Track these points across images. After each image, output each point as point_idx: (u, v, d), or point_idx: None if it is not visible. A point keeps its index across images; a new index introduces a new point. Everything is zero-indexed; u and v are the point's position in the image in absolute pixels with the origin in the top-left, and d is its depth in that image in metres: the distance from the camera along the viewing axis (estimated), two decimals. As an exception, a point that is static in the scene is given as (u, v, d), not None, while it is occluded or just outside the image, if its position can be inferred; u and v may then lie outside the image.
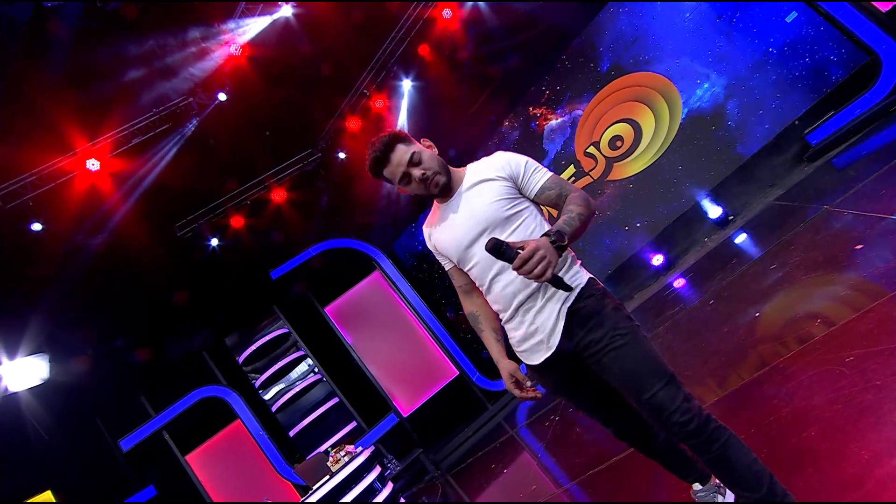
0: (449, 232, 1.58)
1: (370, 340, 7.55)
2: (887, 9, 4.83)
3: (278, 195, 8.11)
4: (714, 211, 6.34)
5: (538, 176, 1.54)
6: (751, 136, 6.19)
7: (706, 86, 6.30)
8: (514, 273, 1.33)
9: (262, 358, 7.48)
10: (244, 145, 7.47)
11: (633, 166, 6.89)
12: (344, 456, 4.22)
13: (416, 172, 1.53)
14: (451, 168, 1.64)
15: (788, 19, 5.87)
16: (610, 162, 7.01)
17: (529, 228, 1.51)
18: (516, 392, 1.54)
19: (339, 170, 8.54)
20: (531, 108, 7.37)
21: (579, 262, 1.55)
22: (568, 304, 1.44)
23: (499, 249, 1.29)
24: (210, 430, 6.81)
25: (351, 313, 7.68)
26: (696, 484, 1.69)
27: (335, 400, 7.27)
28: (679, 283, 5.57)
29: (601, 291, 1.48)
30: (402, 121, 7.88)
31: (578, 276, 1.49)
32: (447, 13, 6.78)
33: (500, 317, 1.59)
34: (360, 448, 4.50)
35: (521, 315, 1.49)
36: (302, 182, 8.37)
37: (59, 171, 6.03)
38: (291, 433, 7.07)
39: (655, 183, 6.76)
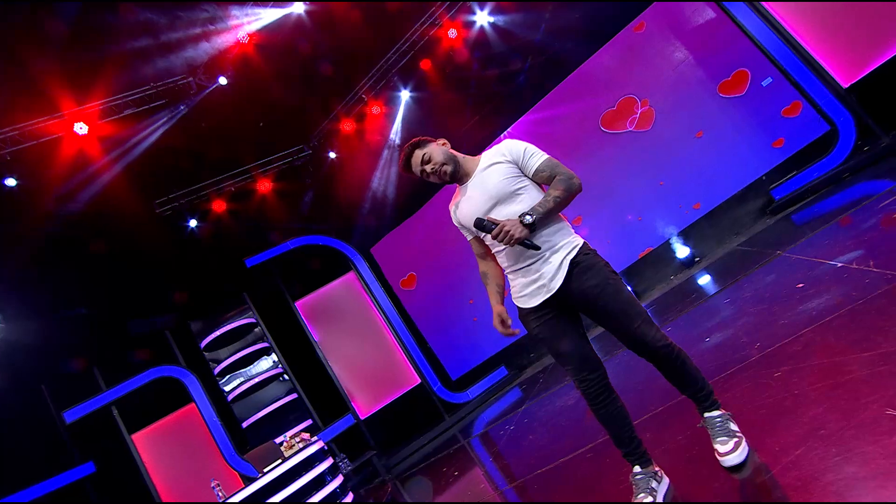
0: (468, 206, 1.93)
1: (337, 340, 7.55)
2: (847, 85, 5.31)
3: (263, 186, 8.16)
4: (682, 251, 6.68)
5: (534, 160, 1.89)
6: (722, 187, 6.59)
7: (688, 136, 6.71)
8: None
9: (225, 345, 7.38)
10: (237, 132, 7.53)
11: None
12: (299, 442, 4.22)
13: (428, 168, 1.94)
14: (464, 156, 2.01)
15: (764, 83, 6.35)
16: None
17: (532, 201, 1.85)
18: (501, 329, 1.91)
19: (327, 169, 8.66)
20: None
21: (572, 228, 1.92)
22: (571, 256, 1.81)
23: (481, 225, 1.78)
24: (161, 411, 6.66)
25: (321, 310, 7.68)
26: (637, 467, 1.85)
27: (293, 395, 7.20)
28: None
29: (594, 251, 1.88)
30: (395, 128, 8.09)
31: (574, 238, 1.87)
32: (452, 33, 7.08)
33: (508, 270, 1.93)
34: (316, 438, 4.50)
35: (528, 266, 1.84)
36: (289, 176, 8.45)
37: (41, 131, 5.95)
38: (244, 424, 6.95)
39: (631, 220, 7.09)
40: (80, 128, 5.91)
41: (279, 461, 4.11)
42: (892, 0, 4.77)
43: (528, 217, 1.72)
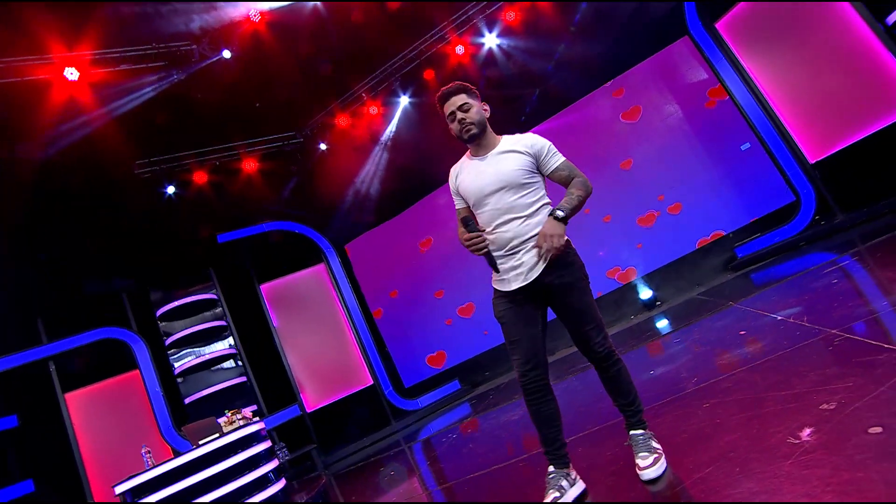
0: (475, 179, 1.99)
1: (296, 329, 7.47)
2: (814, 161, 5.68)
3: (249, 165, 8.11)
4: (646, 293, 6.92)
5: (555, 159, 1.99)
6: (692, 239, 6.89)
7: (667, 187, 7.01)
8: (518, 223, 1.91)
9: (182, 318, 7.20)
10: (231, 107, 7.49)
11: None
12: (240, 419, 4.15)
13: (460, 115, 1.97)
14: (490, 131, 2.06)
15: (743, 147, 6.72)
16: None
17: (535, 196, 1.96)
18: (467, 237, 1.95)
19: (316, 160, 8.67)
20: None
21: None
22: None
23: (466, 223, 1.93)
24: (102, 373, 6.43)
25: (285, 297, 7.61)
26: (552, 466, 1.94)
27: (242, 379, 7.06)
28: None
29: (574, 250, 1.99)
30: (389, 131, 8.20)
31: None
32: (460, 49, 7.29)
33: (494, 253, 1.97)
34: (257, 418, 4.44)
35: (512, 254, 1.93)
36: (276, 160, 8.42)
37: (25, 70, 5.80)
38: (187, 400, 6.76)
39: (603, 256, 7.31)
40: (71, 73, 5.80)
41: (217, 436, 4.04)
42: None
43: (559, 212, 1.85)
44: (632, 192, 7.17)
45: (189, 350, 7.17)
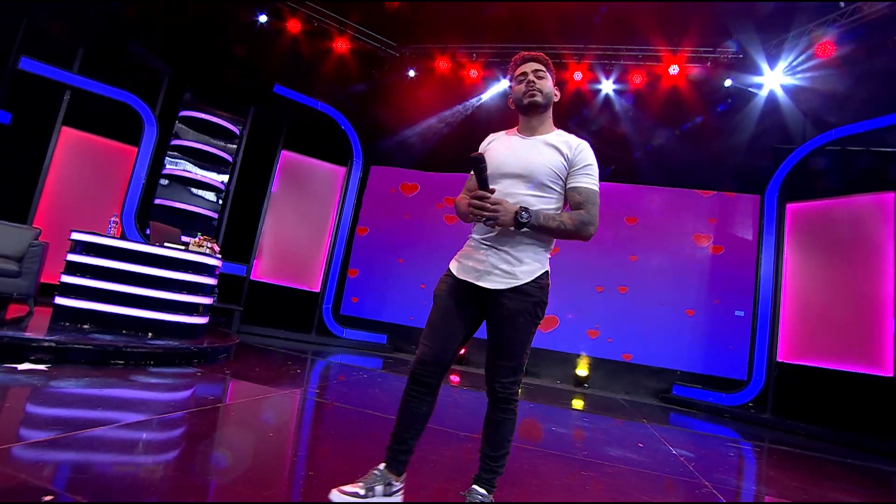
0: (504, 152, 1.78)
1: (287, 205, 7.63)
2: (780, 359, 6.12)
3: (340, 44, 8.18)
4: (582, 372, 7.33)
5: (583, 179, 1.72)
6: (649, 355, 7.31)
7: (656, 302, 7.40)
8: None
9: (198, 131, 7.27)
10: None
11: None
12: (208, 248, 4.34)
13: (533, 77, 1.78)
14: (550, 117, 1.85)
15: (737, 313, 7.13)
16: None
17: (549, 205, 1.72)
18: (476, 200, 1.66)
19: (397, 80, 8.76)
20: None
21: (548, 256, 1.77)
22: (517, 282, 1.68)
23: (478, 166, 1.60)
24: (104, 130, 6.49)
25: (296, 174, 7.74)
26: (383, 465, 1.76)
27: (214, 215, 7.21)
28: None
29: (545, 285, 1.73)
30: (476, 100, 8.35)
31: (539, 266, 1.72)
32: (578, 76, 7.44)
33: (472, 233, 1.82)
34: (220, 255, 4.64)
35: (482, 247, 1.73)
36: (365, 55, 8.50)
37: None
38: (156, 201, 6.88)
39: (572, 319, 7.68)
40: None
41: (182, 247, 4.23)
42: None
43: (524, 215, 1.59)
44: (624, 287, 7.55)
45: (186, 162, 7.26)
